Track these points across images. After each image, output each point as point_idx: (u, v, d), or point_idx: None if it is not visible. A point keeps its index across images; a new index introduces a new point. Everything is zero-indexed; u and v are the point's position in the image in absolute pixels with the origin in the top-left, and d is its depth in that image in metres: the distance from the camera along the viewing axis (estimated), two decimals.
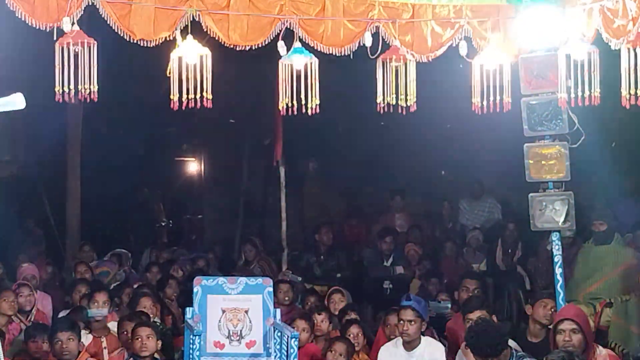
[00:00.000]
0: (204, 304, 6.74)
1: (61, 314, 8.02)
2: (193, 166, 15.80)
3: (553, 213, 6.95)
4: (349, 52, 6.71)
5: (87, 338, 7.05)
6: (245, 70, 10.45)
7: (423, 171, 13.17)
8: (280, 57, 6.54)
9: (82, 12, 6.00)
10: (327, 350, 6.86)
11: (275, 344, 6.62)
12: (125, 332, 6.98)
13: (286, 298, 8.36)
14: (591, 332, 6.10)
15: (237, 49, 6.54)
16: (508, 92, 6.85)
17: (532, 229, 7.21)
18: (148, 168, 13.50)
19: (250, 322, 6.73)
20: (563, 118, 6.81)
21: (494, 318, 6.69)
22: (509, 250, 10.39)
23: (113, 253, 10.42)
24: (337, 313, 7.79)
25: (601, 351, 6.07)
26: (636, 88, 6.15)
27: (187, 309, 6.75)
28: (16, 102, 3.83)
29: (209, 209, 14.80)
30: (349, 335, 7.10)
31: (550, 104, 6.82)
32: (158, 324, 7.36)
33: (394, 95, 6.74)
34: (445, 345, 7.12)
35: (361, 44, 6.65)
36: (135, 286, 8.66)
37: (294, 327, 6.78)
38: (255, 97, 11.78)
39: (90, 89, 5.97)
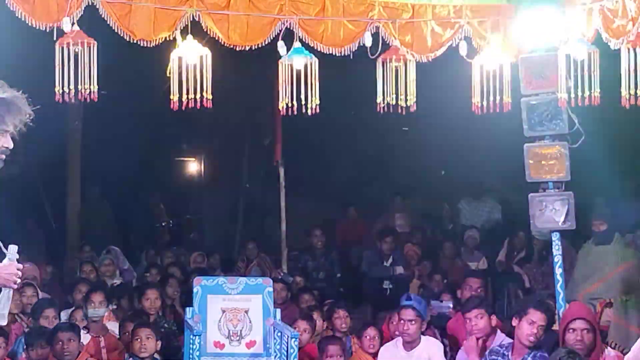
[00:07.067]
0: (204, 304, 6.75)
1: (62, 314, 8.01)
2: (193, 166, 15.79)
3: (553, 213, 6.95)
4: (349, 52, 6.72)
5: (85, 338, 7.05)
6: (245, 70, 10.44)
7: (423, 171, 13.16)
8: (280, 57, 6.54)
9: (82, 12, 6.00)
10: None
11: (275, 344, 6.61)
12: (127, 333, 6.99)
13: (279, 298, 8.33)
14: (599, 332, 6.09)
15: (237, 49, 6.54)
16: (508, 92, 6.86)
17: (531, 229, 7.21)
18: (148, 168, 13.47)
19: (250, 322, 6.73)
20: (563, 118, 6.80)
21: (494, 317, 6.68)
22: (515, 253, 10.37)
23: (108, 250, 10.43)
24: (344, 330, 7.40)
25: (610, 352, 6.02)
26: (636, 88, 6.15)
27: (187, 309, 6.76)
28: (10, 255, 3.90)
29: (209, 209, 14.78)
30: (366, 337, 6.97)
31: (550, 104, 6.81)
32: (164, 323, 7.39)
33: (394, 95, 6.75)
34: (445, 345, 7.12)
35: (361, 44, 6.66)
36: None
37: (294, 328, 6.77)
38: (255, 97, 11.77)
39: (90, 89, 5.98)
